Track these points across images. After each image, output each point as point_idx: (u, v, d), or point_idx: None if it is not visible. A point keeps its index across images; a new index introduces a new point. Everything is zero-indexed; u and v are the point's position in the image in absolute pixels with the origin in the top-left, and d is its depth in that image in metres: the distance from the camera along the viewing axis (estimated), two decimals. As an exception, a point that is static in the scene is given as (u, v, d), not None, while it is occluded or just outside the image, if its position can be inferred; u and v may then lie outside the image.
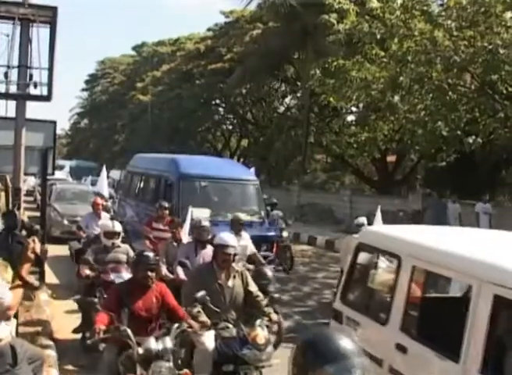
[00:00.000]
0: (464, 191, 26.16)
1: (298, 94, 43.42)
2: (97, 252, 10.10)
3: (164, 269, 10.61)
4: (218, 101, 52.20)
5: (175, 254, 10.71)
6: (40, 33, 12.79)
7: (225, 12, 47.21)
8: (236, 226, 11.93)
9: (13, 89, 12.61)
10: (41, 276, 4.92)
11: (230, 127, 56.94)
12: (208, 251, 9.85)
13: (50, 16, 12.65)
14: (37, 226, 5.37)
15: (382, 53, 21.86)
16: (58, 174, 37.45)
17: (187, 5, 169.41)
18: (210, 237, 10.41)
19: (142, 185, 19.98)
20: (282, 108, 47.73)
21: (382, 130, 28.75)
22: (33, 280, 4.90)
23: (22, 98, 12.55)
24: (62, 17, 12.81)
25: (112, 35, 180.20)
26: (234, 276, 8.02)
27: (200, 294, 7.42)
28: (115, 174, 37.05)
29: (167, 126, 48.17)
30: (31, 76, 12.55)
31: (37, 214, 16.88)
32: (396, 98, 21.14)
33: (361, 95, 22.33)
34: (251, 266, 11.03)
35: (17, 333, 8.95)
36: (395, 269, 6.75)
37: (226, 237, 8.09)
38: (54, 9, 12.62)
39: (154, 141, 49.02)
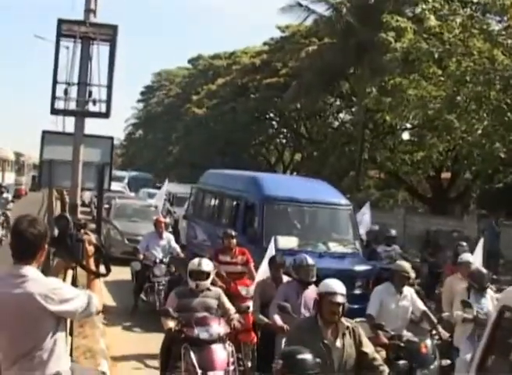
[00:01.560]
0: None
1: (353, 110, 43.25)
2: (182, 296, 8.59)
3: (259, 314, 9.20)
4: (272, 115, 52.34)
5: (272, 295, 9.23)
6: (100, 51, 12.97)
7: (281, 27, 47.23)
8: (400, 280, 9.09)
9: (72, 105, 12.79)
10: (105, 263, 5.04)
11: (284, 141, 57.04)
12: (310, 292, 8.77)
13: (110, 35, 12.81)
14: (83, 220, 5.52)
15: (440, 72, 21.66)
16: (115, 186, 37.55)
17: (244, 18, 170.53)
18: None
19: (216, 206, 17.89)
20: (336, 124, 47.54)
21: (437, 147, 28.43)
22: (100, 269, 5.03)
23: (81, 114, 12.72)
24: (119, 29, 12.92)
25: (168, 47, 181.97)
26: (344, 334, 6.48)
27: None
28: (171, 187, 36.48)
29: (221, 139, 48.35)
30: (90, 93, 12.70)
31: (93, 225, 17.08)
32: (453, 117, 20.90)
33: (418, 114, 22.14)
34: (408, 334, 8.74)
35: (71, 349, 9.08)
36: None
37: (333, 282, 6.60)
38: (114, 28, 12.77)
39: (208, 153, 49.26)
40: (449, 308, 10.25)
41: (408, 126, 35.34)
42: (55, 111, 12.98)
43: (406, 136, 39.73)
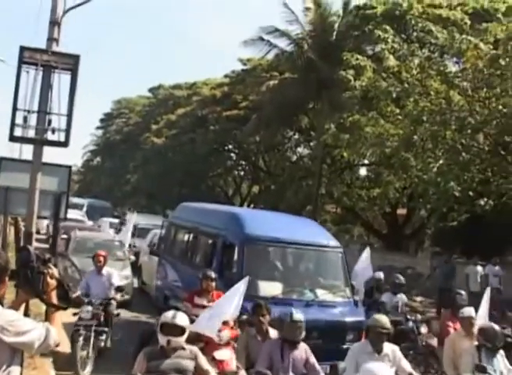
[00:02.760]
0: (474, 252, 25.98)
1: (311, 144, 43.59)
2: (151, 358, 7.06)
3: (242, 373, 8.05)
4: (231, 147, 52.51)
5: (257, 352, 8.15)
6: (61, 80, 12.93)
7: (243, 60, 47.60)
8: (378, 337, 7.81)
9: (31, 133, 12.71)
10: (66, 297, 5.10)
11: (242, 173, 57.21)
12: (299, 352, 7.92)
13: (72, 64, 12.80)
14: (48, 255, 5.56)
15: (397, 110, 22.03)
16: (73, 214, 36.32)
17: (205, 49, 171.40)
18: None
19: (190, 243, 16.19)
20: (294, 158, 47.89)
21: (393, 184, 28.79)
22: (60, 303, 5.04)
23: (40, 143, 12.63)
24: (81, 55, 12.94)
25: (128, 75, 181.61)
26: None
27: None
28: (132, 218, 34.60)
29: (179, 170, 48.29)
30: (50, 121, 12.63)
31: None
32: (409, 156, 21.25)
33: (375, 151, 22.46)
34: None
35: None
36: None
37: (378, 367, 5.28)
38: (76, 58, 12.76)
39: (166, 183, 49.17)
40: (451, 369, 9.23)
41: (366, 162, 35.74)
42: (13, 138, 12.88)
43: (363, 172, 40.23)
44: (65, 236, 23.87)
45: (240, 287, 9.26)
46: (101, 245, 20.18)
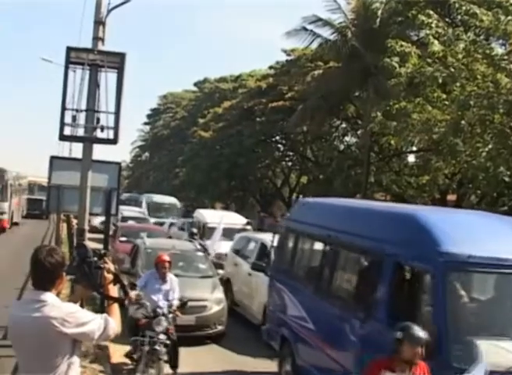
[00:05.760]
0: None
1: (358, 132, 43.38)
2: None
3: None
4: (278, 138, 52.47)
5: None
6: (108, 78, 13.15)
7: (287, 50, 47.56)
8: None
9: (80, 132, 12.97)
10: (123, 290, 5.39)
11: (290, 164, 57.08)
12: None
13: (118, 62, 13.01)
14: (103, 250, 5.90)
15: (444, 96, 21.79)
16: (132, 212, 35.59)
17: (249, 41, 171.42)
18: None
19: (326, 262, 10.56)
20: (342, 147, 47.67)
21: (442, 170, 28.51)
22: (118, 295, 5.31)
23: (89, 141, 12.88)
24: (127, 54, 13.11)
25: (173, 70, 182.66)
26: None
27: None
28: (201, 214, 30.37)
29: (227, 162, 48.46)
30: (98, 119, 12.88)
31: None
32: (458, 141, 21.02)
33: (423, 138, 22.25)
34: None
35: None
36: None
37: None
38: (122, 56, 12.97)
39: (215, 176, 49.38)
40: None
41: (414, 149, 35.46)
42: (63, 137, 13.16)
43: (411, 159, 39.91)
44: (123, 238, 22.85)
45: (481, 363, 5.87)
46: (179, 257, 16.57)
